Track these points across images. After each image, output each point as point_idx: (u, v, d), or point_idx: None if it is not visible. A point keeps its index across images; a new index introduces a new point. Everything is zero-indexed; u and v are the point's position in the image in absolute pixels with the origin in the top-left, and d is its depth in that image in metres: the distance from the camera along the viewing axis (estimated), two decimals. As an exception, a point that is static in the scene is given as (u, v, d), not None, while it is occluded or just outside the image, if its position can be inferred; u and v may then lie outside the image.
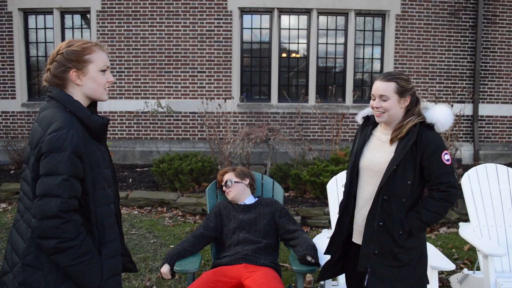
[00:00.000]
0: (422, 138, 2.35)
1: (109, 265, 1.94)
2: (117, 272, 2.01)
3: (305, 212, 5.71)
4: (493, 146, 9.11)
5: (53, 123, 1.81)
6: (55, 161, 1.76)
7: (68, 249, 1.78)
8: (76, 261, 1.80)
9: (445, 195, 2.34)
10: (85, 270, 1.82)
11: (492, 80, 8.97)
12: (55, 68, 1.94)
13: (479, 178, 3.81)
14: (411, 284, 2.43)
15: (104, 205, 1.95)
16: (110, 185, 2.02)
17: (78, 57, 1.92)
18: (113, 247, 1.98)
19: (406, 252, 2.41)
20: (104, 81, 1.99)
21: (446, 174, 2.34)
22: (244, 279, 2.92)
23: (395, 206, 2.37)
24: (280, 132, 6.85)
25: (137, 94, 8.79)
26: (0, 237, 5.15)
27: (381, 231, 2.40)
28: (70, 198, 1.78)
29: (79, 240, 1.80)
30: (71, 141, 1.78)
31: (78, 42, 1.95)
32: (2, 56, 8.81)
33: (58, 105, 1.90)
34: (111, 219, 2.00)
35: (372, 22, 8.99)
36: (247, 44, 9.00)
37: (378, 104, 2.41)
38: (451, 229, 5.60)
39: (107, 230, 1.95)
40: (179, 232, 5.40)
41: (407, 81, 2.45)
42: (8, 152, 7.98)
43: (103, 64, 1.97)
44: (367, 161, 2.52)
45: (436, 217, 2.37)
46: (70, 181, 1.77)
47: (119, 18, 8.65)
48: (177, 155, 6.89)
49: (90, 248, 1.84)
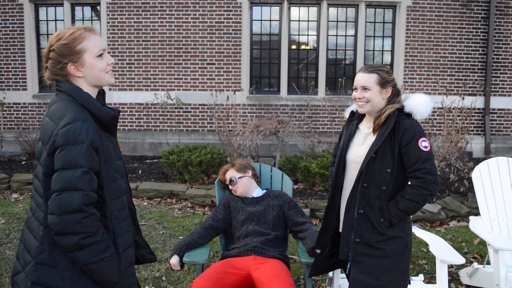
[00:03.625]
0: (400, 126, 2.38)
1: (125, 257, 1.94)
2: (131, 262, 2.01)
3: (314, 204, 5.71)
4: (505, 140, 9.02)
5: (65, 116, 1.77)
6: (73, 154, 1.71)
7: (90, 245, 1.73)
8: (98, 257, 1.75)
9: (421, 182, 2.32)
10: (106, 266, 1.78)
11: (504, 72, 8.86)
12: (52, 66, 1.89)
13: (490, 172, 3.78)
14: (396, 277, 2.44)
15: (117, 198, 1.92)
16: (122, 176, 2.01)
17: (70, 50, 1.85)
18: (126, 239, 1.97)
19: (388, 241, 2.42)
20: (103, 65, 1.91)
21: (423, 160, 2.33)
22: (253, 271, 2.93)
23: (375, 194, 2.40)
24: (289, 125, 6.83)
25: (146, 86, 8.82)
26: (12, 227, 5.22)
27: (361, 219, 2.44)
28: (92, 190, 1.74)
29: (99, 236, 1.76)
30: (87, 133, 1.73)
31: (66, 33, 1.86)
32: (14, 48, 8.87)
33: (68, 98, 1.86)
34: (124, 211, 1.98)
35: (383, 14, 8.91)
36: (257, 36, 8.97)
37: (360, 95, 2.48)
38: (461, 222, 5.57)
39: (121, 223, 1.93)
40: (188, 223, 5.43)
41: (388, 73, 2.49)
42: (20, 143, 8.06)
43: (97, 49, 1.89)
44: (353, 153, 2.55)
45: (414, 205, 2.35)
46: (90, 173, 1.73)
47: (129, 10, 8.66)
48: (186, 147, 6.91)
49: (109, 243, 1.81)
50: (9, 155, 8.32)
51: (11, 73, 8.95)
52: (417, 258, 4.52)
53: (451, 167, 6.85)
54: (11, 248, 4.63)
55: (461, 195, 6.23)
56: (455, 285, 3.95)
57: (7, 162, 7.98)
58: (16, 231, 5.12)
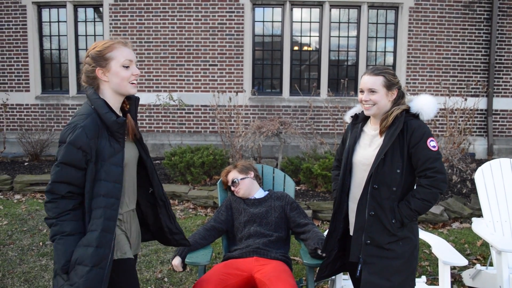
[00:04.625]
0: (408, 127, 2.41)
1: (78, 252, 1.96)
2: (83, 262, 1.95)
3: (316, 206, 5.71)
4: (508, 141, 9.00)
5: (73, 118, 2.07)
6: (58, 151, 2.02)
7: (50, 225, 2.01)
8: (53, 238, 2.00)
9: (432, 181, 2.36)
10: (55, 248, 1.99)
11: (507, 73, 8.84)
12: (85, 69, 2.15)
13: (493, 173, 3.77)
14: (406, 278, 2.46)
15: (97, 196, 2.03)
16: (113, 181, 2.06)
17: (101, 56, 2.11)
18: (89, 237, 1.98)
19: (399, 242, 2.44)
20: (127, 75, 2.14)
21: (432, 160, 2.36)
22: (255, 272, 2.92)
23: (386, 195, 2.42)
24: (291, 126, 6.83)
25: (149, 87, 8.83)
26: (15, 228, 5.23)
27: (373, 220, 2.45)
28: (56, 182, 1.98)
29: (58, 220, 1.98)
30: (72, 134, 1.98)
31: (101, 43, 2.15)
32: (17, 49, 8.90)
33: (88, 102, 2.13)
34: (101, 210, 2.01)
35: (385, 15, 8.90)
36: (259, 37, 8.98)
37: (367, 97, 2.49)
38: (464, 224, 5.55)
39: (92, 220, 2.02)
40: (190, 224, 5.44)
41: (393, 75, 2.52)
42: (23, 144, 8.08)
43: (124, 59, 2.12)
44: (359, 156, 2.56)
45: (425, 204, 2.39)
46: (59, 167, 1.98)
47: (131, 11, 8.67)
48: (188, 148, 6.92)
49: (66, 230, 1.98)
50: (12, 156, 8.35)
51: (14, 74, 8.98)
52: (420, 259, 4.51)
53: (453, 169, 6.84)
54: (13, 249, 4.64)
55: (464, 196, 6.22)
56: (458, 286, 3.94)
57: (10, 163, 8.00)
58: (19, 232, 5.13)
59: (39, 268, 4.23)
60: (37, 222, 5.42)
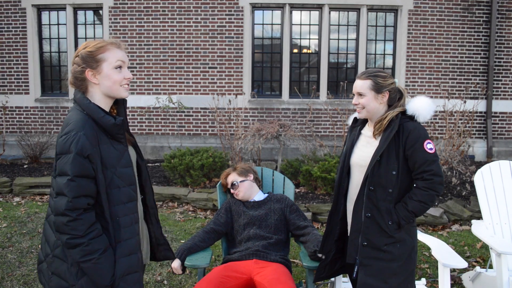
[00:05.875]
0: (404, 129, 2.42)
1: (124, 263, 1.98)
2: (133, 270, 2.04)
3: (315, 208, 5.70)
4: (507, 143, 9.00)
5: (67, 126, 1.93)
6: (64, 162, 1.88)
7: (76, 245, 1.88)
8: (84, 258, 1.89)
9: (429, 183, 2.38)
10: (93, 268, 1.90)
11: (506, 76, 8.85)
12: (74, 69, 2.02)
13: (492, 175, 3.77)
14: (403, 280, 2.46)
15: (119, 204, 1.99)
16: (129, 184, 2.05)
17: (92, 57, 1.98)
18: (128, 245, 2.01)
19: (396, 244, 2.44)
20: (119, 78, 2.02)
21: (429, 162, 2.38)
22: (255, 275, 2.92)
23: (382, 197, 2.43)
24: (291, 128, 6.83)
25: (148, 90, 8.84)
26: (14, 231, 5.22)
27: (369, 222, 2.46)
28: (76, 197, 1.86)
29: (86, 239, 1.88)
30: (77, 143, 1.86)
31: (93, 43, 2.02)
32: (16, 51, 8.90)
33: (77, 107, 2.00)
34: (129, 217, 2.04)
35: (384, 18, 8.92)
36: (259, 40, 8.99)
37: (356, 101, 2.54)
38: (464, 226, 5.55)
39: (123, 229, 2.00)
40: (190, 227, 5.43)
41: (384, 78, 2.52)
42: (22, 147, 8.08)
43: (115, 60, 2.00)
44: (356, 157, 2.58)
45: (422, 206, 2.40)
46: (74, 181, 1.86)
47: (131, 14, 8.69)
48: (188, 151, 6.92)
49: (100, 247, 1.91)
50: (11, 159, 8.34)
51: (14, 77, 8.98)
52: (420, 262, 4.50)
53: (453, 171, 6.84)
54: (12, 252, 4.63)
55: (463, 198, 6.22)
56: (458, 289, 3.94)
57: (9, 165, 7.99)
58: (18, 234, 5.12)
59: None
60: (37, 225, 5.42)
